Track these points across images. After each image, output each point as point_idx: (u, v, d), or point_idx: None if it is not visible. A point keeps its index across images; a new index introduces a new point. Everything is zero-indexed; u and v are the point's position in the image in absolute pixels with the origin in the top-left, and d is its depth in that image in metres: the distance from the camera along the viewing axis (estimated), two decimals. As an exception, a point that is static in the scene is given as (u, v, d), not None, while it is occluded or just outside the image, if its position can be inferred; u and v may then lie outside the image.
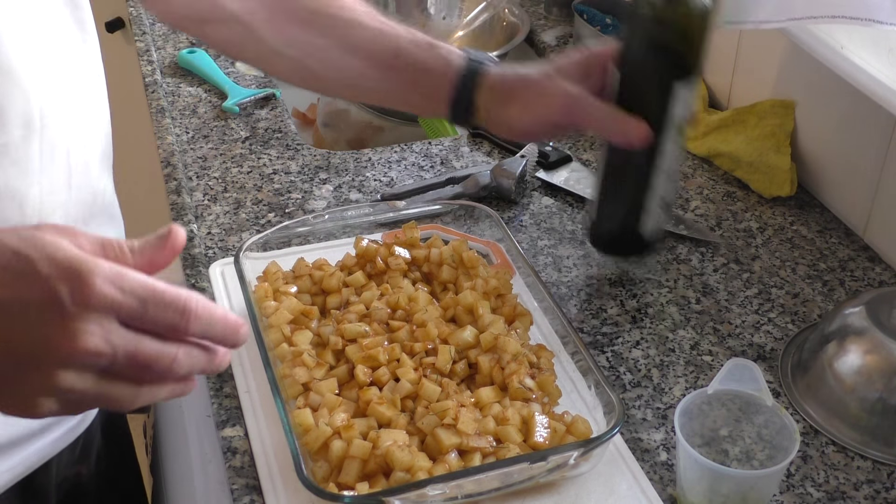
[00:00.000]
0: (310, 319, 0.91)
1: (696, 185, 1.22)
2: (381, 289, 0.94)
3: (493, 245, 1.04)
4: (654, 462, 0.86)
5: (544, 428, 0.82)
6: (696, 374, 0.95)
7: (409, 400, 0.84)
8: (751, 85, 1.27)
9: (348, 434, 0.79)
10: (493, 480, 0.79)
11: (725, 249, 1.11)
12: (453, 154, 1.27)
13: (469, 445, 0.80)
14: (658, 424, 0.90)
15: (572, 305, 1.03)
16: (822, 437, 0.90)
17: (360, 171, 1.22)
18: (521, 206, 1.17)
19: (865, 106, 1.06)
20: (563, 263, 1.08)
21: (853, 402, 0.89)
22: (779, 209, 1.18)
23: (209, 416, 0.91)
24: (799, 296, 1.05)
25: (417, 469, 0.77)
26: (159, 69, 1.42)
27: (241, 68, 1.43)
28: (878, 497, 0.84)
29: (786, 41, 1.17)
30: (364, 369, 0.85)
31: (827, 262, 1.10)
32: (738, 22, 1.09)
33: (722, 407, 0.82)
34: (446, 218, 1.06)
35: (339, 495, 0.76)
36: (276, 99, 1.36)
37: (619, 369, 0.95)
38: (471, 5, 1.61)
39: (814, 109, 1.17)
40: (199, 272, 1.04)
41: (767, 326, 1.01)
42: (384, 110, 1.51)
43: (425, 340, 0.88)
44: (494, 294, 0.94)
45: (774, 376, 0.95)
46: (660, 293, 1.05)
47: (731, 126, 1.24)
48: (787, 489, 0.84)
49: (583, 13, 1.44)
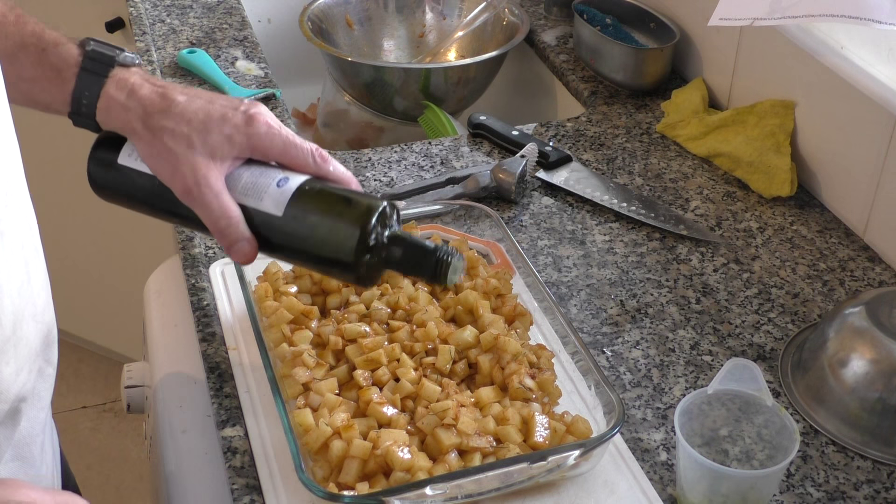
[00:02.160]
0: (310, 319, 0.91)
1: (696, 185, 1.22)
2: (381, 289, 0.94)
3: (493, 245, 1.04)
4: (654, 462, 0.86)
5: (544, 428, 0.82)
6: (696, 374, 0.95)
7: (409, 400, 0.84)
8: (751, 85, 1.27)
9: (348, 434, 0.79)
10: (493, 480, 0.79)
11: (725, 249, 1.11)
12: (453, 154, 1.27)
13: (469, 445, 0.80)
14: (658, 424, 0.90)
15: (572, 305, 1.03)
16: (822, 437, 0.90)
17: (360, 171, 1.22)
18: (521, 206, 1.17)
19: (865, 106, 1.06)
20: (563, 263, 1.08)
21: (853, 402, 0.89)
22: (779, 209, 1.18)
23: (209, 416, 0.91)
24: (799, 296, 1.05)
25: (417, 469, 0.77)
26: (159, 69, 1.42)
27: (242, 68, 1.43)
28: (878, 497, 0.84)
29: (786, 41, 1.17)
30: (364, 374, 0.85)
31: (827, 262, 1.10)
32: (733, 19, 1.09)
33: (722, 407, 0.82)
34: (446, 218, 1.06)
35: (339, 495, 0.76)
36: (276, 99, 1.36)
37: (619, 369, 0.95)
38: (471, 5, 1.61)
39: (814, 109, 1.17)
40: (199, 272, 1.04)
41: (767, 326, 1.01)
42: (384, 110, 1.51)
43: (425, 340, 0.88)
44: (494, 294, 0.94)
45: (774, 376, 0.95)
46: (660, 293, 1.05)
47: (731, 126, 1.24)
48: (787, 489, 0.84)
49: (583, 13, 1.44)
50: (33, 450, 0.83)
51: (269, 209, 0.80)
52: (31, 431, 0.82)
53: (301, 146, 0.82)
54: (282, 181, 0.81)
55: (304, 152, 0.82)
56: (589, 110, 1.38)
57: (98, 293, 2.31)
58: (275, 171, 0.82)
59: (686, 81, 1.39)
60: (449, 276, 0.80)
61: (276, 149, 0.82)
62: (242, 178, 0.82)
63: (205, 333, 0.97)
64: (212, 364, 0.94)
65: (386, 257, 0.80)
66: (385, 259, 0.80)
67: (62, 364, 0.95)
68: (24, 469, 0.82)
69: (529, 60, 1.59)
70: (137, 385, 1.02)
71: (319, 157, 0.83)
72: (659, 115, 1.35)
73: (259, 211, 0.81)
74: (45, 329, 0.82)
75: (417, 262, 0.80)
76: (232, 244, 0.80)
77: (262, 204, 0.80)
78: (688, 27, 1.39)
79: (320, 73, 1.57)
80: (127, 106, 0.81)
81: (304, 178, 0.82)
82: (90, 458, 2.28)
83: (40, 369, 0.83)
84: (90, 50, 0.83)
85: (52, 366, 0.85)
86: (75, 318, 2.44)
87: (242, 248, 0.80)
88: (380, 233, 0.79)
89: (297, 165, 0.82)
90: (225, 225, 0.80)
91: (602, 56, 1.40)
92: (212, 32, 1.52)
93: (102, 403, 2.41)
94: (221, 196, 0.80)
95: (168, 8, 1.59)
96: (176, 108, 0.81)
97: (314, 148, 0.83)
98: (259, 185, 0.81)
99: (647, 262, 1.09)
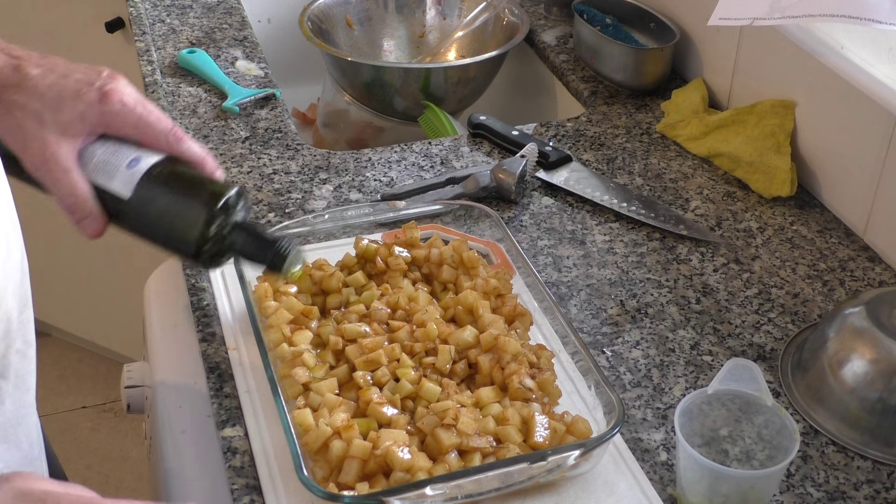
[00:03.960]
0: (310, 319, 0.91)
1: (696, 185, 1.22)
2: (382, 289, 0.94)
3: (493, 245, 1.04)
4: (654, 462, 0.86)
5: (544, 428, 0.82)
6: (696, 374, 0.95)
7: (409, 400, 0.84)
8: (751, 85, 1.27)
9: (348, 434, 0.79)
10: (493, 480, 0.79)
11: (725, 249, 1.11)
12: (453, 154, 1.27)
13: (469, 445, 0.80)
14: (658, 424, 0.90)
15: (572, 305, 1.03)
16: (822, 437, 0.90)
17: (360, 171, 1.22)
18: (521, 206, 1.17)
19: (865, 106, 1.06)
20: (563, 263, 1.08)
21: (853, 402, 0.89)
22: (779, 209, 1.18)
23: (209, 416, 0.91)
24: (799, 296, 1.05)
25: (417, 469, 0.77)
26: (159, 69, 1.42)
27: (242, 68, 1.43)
28: (878, 497, 0.84)
29: (786, 41, 1.17)
30: (364, 376, 0.85)
31: (827, 262, 1.10)
32: (732, 19, 1.09)
33: (722, 407, 0.82)
34: (446, 218, 1.06)
35: (339, 495, 0.76)
36: (276, 99, 1.36)
37: (619, 369, 0.95)
38: (471, 5, 1.61)
39: (814, 109, 1.17)
40: (199, 272, 1.04)
41: (767, 326, 1.01)
42: (384, 110, 1.51)
43: (425, 340, 0.88)
44: (494, 294, 0.94)
45: (774, 376, 0.95)
46: (660, 293, 1.05)
47: (731, 126, 1.24)
48: (787, 489, 0.84)
49: (583, 13, 1.44)
50: (19, 433, 0.83)
51: (118, 190, 0.82)
52: (16, 414, 0.82)
53: (155, 125, 0.83)
54: (133, 161, 0.82)
55: (158, 131, 0.83)
56: (589, 110, 1.38)
57: (98, 293, 2.31)
58: (128, 149, 0.83)
59: (686, 81, 1.39)
60: (285, 266, 0.83)
61: (130, 126, 0.83)
62: (95, 154, 0.83)
63: (205, 333, 0.97)
64: (212, 364, 0.94)
65: (229, 245, 0.82)
66: (228, 246, 0.82)
67: (62, 364, 0.95)
68: (9, 452, 0.82)
69: (529, 60, 1.59)
70: (137, 385, 1.02)
71: (174, 137, 0.84)
72: (659, 115, 1.35)
73: (108, 191, 0.82)
74: (19, 305, 0.83)
75: (257, 251, 0.83)
76: (79, 220, 0.82)
77: (111, 184, 0.82)
78: (688, 27, 1.39)
79: (320, 73, 1.57)
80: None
81: (157, 159, 0.83)
82: (90, 458, 2.28)
83: (19, 350, 0.83)
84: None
85: (32, 347, 0.86)
86: (76, 318, 2.44)
87: (89, 224, 0.82)
88: (223, 221, 0.81)
89: (151, 144, 0.84)
90: (72, 202, 0.81)
91: (602, 56, 1.40)
92: (212, 32, 1.52)
93: (102, 403, 2.41)
94: (70, 174, 0.81)
95: (168, 8, 1.59)
96: (28, 81, 0.80)
97: (169, 127, 0.84)
98: (110, 163, 0.82)
99: (647, 262, 1.09)
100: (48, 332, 2.44)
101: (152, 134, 0.83)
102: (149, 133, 0.83)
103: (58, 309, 2.38)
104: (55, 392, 2.40)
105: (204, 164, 0.85)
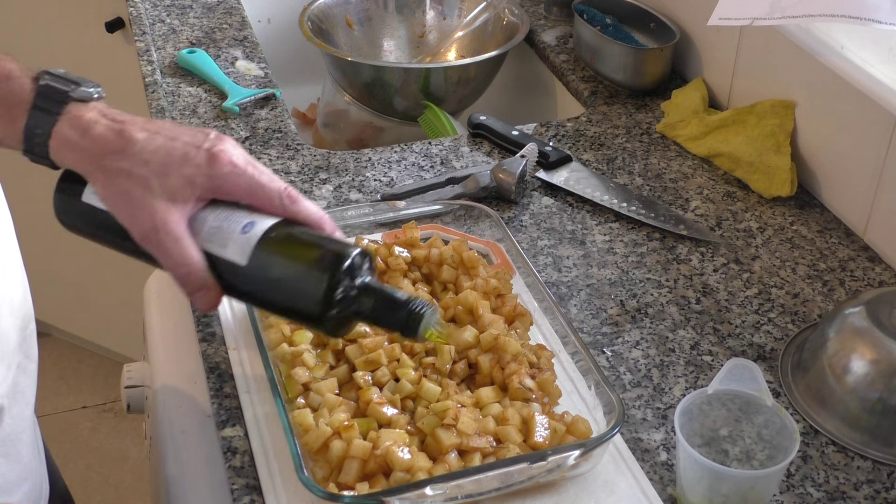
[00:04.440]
0: (310, 319, 0.91)
1: (696, 185, 1.22)
2: (381, 289, 0.94)
3: (493, 245, 1.04)
4: (654, 462, 0.86)
5: (544, 428, 0.82)
6: (696, 374, 0.95)
7: (409, 400, 0.84)
8: (751, 85, 1.27)
9: (348, 434, 0.79)
10: (493, 480, 0.79)
11: (725, 249, 1.11)
12: (453, 154, 1.27)
13: (469, 445, 0.80)
14: (658, 424, 0.90)
15: (572, 305, 1.03)
16: (822, 437, 0.90)
17: (360, 171, 1.22)
18: (521, 206, 1.17)
19: (865, 106, 1.06)
20: (563, 263, 1.08)
21: (853, 402, 0.89)
22: (779, 209, 1.18)
23: (209, 416, 0.91)
24: (799, 296, 1.05)
25: (417, 469, 0.77)
26: (159, 69, 1.42)
27: (241, 68, 1.43)
28: (878, 497, 0.84)
29: (786, 41, 1.17)
30: (364, 376, 0.85)
31: (827, 262, 1.10)
32: (732, 19, 1.09)
33: (722, 407, 0.82)
34: (446, 218, 1.06)
35: (339, 495, 0.76)
36: (276, 99, 1.36)
37: (619, 369, 0.95)
38: (471, 5, 1.61)
39: (814, 109, 1.17)
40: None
41: (767, 326, 1.01)
42: (384, 110, 1.51)
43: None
44: (494, 294, 0.94)
45: (774, 376, 0.95)
46: (660, 293, 1.05)
47: (731, 126, 1.24)
48: (787, 489, 0.84)
49: (583, 13, 1.44)
50: (19, 447, 0.83)
51: (234, 257, 0.76)
52: (15, 429, 0.82)
53: (267, 186, 0.78)
54: (247, 226, 0.77)
55: (272, 193, 0.78)
56: (589, 110, 1.38)
57: (98, 293, 2.31)
58: (241, 213, 0.78)
59: (686, 81, 1.39)
60: (420, 329, 0.76)
61: (241, 190, 0.77)
62: (207, 221, 0.78)
63: (205, 333, 0.97)
64: (212, 364, 0.94)
65: (356, 309, 0.76)
66: (355, 311, 0.77)
67: (62, 364, 0.95)
68: (9, 466, 0.82)
69: (529, 60, 1.59)
70: (137, 385, 1.02)
71: (288, 199, 0.78)
72: (659, 115, 1.35)
73: (223, 259, 0.77)
74: (21, 323, 0.81)
75: (388, 314, 0.76)
76: (193, 292, 0.77)
77: (226, 251, 0.77)
78: (688, 27, 1.39)
79: (320, 73, 1.57)
80: (80, 146, 0.76)
81: (272, 222, 0.77)
82: (90, 458, 2.28)
83: (20, 364, 0.82)
84: (42, 85, 0.77)
85: (33, 361, 0.84)
86: (76, 318, 2.44)
87: (204, 296, 0.77)
88: (349, 284, 0.75)
89: (264, 206, 0.78)
90: (185, 273, 0.76)
91: (602, 56, 1.40)
92: (212, 32, 1.52)
93: (102, 403, 2.41)
94: (181, 242, 0.76)
95: (168, 8, 1.59)
96: (133, 147, 0.76)
97: (282, 188, 0.78)
98: (223, 230, 0.77)
99: (647, 262, 1.09)
100: (48, 332, 2.44)
101: (265, 196, 0.78)
102: (261, 195, 0.77)
103: (58, 309, 2.38)
104: (55, 392, 2.40)
105: (322, 224, 0.79)
